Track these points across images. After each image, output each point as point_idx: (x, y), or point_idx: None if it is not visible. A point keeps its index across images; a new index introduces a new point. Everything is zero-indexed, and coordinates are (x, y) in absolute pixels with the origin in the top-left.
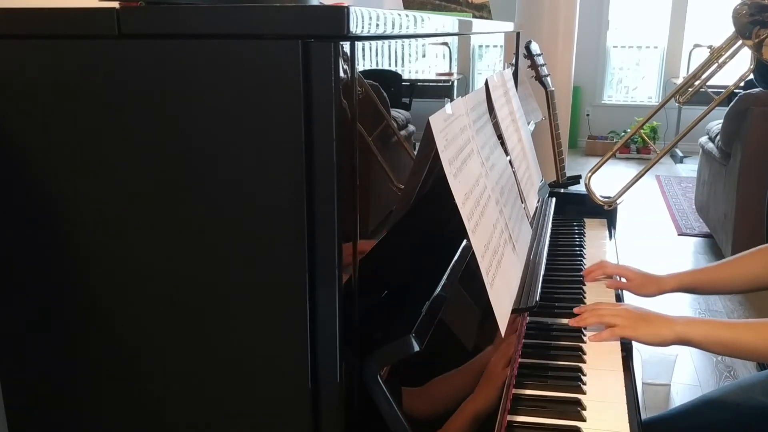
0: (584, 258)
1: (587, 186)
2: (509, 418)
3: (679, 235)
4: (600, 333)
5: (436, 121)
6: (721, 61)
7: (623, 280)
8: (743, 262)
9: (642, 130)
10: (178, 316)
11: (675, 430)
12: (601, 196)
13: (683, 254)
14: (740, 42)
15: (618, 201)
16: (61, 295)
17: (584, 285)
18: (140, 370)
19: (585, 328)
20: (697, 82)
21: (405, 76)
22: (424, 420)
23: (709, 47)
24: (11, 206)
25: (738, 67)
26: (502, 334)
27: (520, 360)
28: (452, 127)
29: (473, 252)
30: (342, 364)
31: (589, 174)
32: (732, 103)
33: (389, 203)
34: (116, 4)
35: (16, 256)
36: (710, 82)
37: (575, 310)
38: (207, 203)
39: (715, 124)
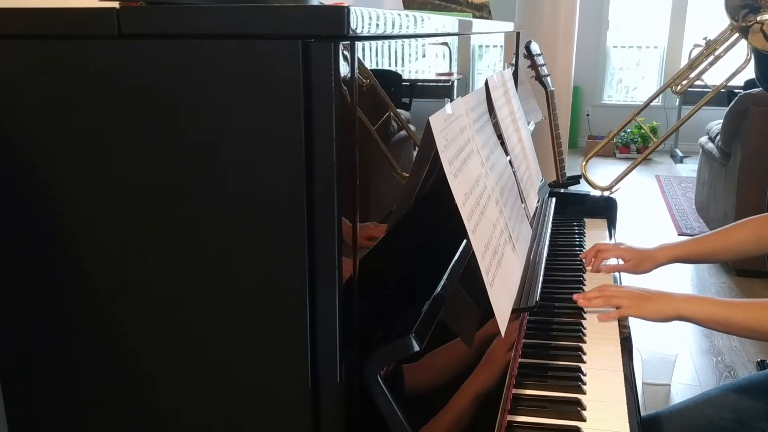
0: None
1: (583, 172)
2: (509, 418)
3: (679, 234)
4: (608, 314)
5: (436, 121)
6: (717, 53)
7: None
8: (733, 233)
9: (641, 129)
10: (178, 316)
11: (674, 426)
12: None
13: None
14: (735, 35)
15: (614, 188)
16: (61, 295)
17: (584, 285)
18: (140, 369)
19: (584, 327)
20: (692, 75)
21: (405, 76)
22: (422, 393)
23: (705, 39)
24: (11, 206)
25: (736, 67)
26: (502, 334)
27: (520, 360)
28: (452, 127)
29: (473, 252)
30: (342, 364)
31: (584, 162)
32: (732, 103)
33: (389, 203)
34: (116, 4)
35: (16, 255)
36: (710, 81)
37: (575, 297)
38: (207, 203)
39: (715, 124)
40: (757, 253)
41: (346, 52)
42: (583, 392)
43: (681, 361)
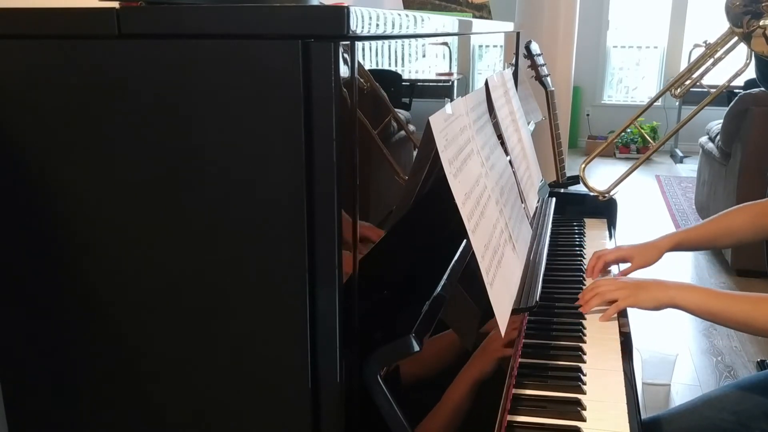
0: (584, 258)
1: (581, 176)
2: (509, 418)
3: None
4: (606, 312)
5: (436, 121)
6: (716, 56)
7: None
8: (729, 220)
9: (642, 129)
10: (178, 316)
11: (675, 429)
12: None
13: (683, 254)
14: (735, 38)
15: (612, 192)
16: (61, 295)
17: (584, 285)
18: (140, 369)
19: (584, 327)
20: (693, 77)
21: (405, 76)
22: (419, 381)
23: (705, 42)
24: (11, 206)
25: (736, 68)
26: (503, 334)
27: (520, 360)
28: (452, 127)
29: (473, 252)
30: (342, 364)
31: (583, 165)
32: (732, 103)
33: (389, 203)
34: (116, 4)
35: (16, 255)
36: (709, 82)
37: (577, 303)
38: (207, 203)
39: (715, 124)
40: (754, 240)
41: (345, 52)
42: (583, 392)
43: (681, 361)
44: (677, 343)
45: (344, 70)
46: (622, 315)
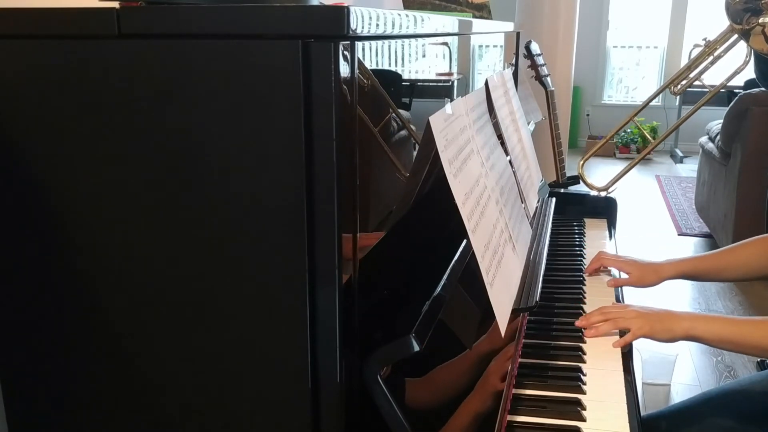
0: (584, 258)
1: (580, 173)
2: (509, 418)
3: (679, 235)
4: (623, 339)
5: (436, 121)
6: (716, 54)
7: (623, 275)
8: (741, 250)
9: (642, 128)
10: (178, 316)
11: (675, 426)
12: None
13: (683, 254)
14: (734, 36)
15: (611, 189)
16: (61, 295)
17: (584, 285)
18: (140, 369)
19: (584, 327)
20: (692, 74)
21: (405, 76)
22: (423, 408)
23: (704, 39)
24: (11, 206)
25: (735, 67)
26: (503, 334)
27: (520, 360)
28: (452, 127)
29: (473, 252)
30: (342, 364)
31: (581, 162)
32: (732, 103)
33: (389, 203)
34: (116, 4)
35: (16, 256)
36: (709, 81)
37: (578, 324)
38: (207, 203)
39: (715, 124)
40: (764, 272)
41: (346, 52)
42: (583, 392)
43: (681, 361)
44: (677, 343)
45: (344, 70)
46: None
